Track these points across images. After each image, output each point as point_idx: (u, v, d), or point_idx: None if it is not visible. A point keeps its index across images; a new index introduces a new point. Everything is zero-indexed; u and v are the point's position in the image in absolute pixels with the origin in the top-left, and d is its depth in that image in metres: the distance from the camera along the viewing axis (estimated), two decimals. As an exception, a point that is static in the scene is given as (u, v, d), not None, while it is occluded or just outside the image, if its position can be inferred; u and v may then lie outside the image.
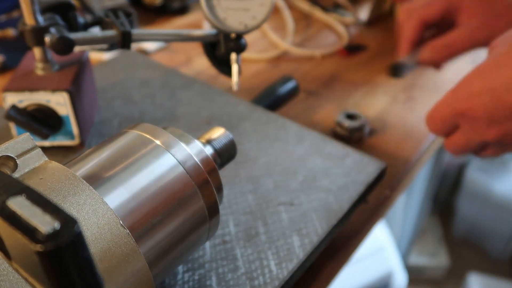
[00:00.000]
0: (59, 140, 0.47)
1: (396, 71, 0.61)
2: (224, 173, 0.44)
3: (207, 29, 0.80)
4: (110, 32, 0.46)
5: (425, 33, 0.62)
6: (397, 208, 1.44)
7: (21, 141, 0.29)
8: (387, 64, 0.64)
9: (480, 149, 0.47)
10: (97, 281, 0.18)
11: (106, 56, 0.70)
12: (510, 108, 0.40)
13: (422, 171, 1.35)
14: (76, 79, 0.46)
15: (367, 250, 1.17)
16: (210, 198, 0.32)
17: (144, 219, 0.28)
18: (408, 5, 0.62)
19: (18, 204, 0.18)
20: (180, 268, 0.36)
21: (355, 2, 0.92)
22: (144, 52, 0.75)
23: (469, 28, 0.56)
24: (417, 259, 1.75)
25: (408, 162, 0.55)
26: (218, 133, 0.37)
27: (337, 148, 0.48)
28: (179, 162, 0.31)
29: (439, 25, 0.61)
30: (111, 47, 0.48)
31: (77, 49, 0.45)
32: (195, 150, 0.33)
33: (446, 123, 0.46)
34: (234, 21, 0.47)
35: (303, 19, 0.88)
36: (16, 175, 0.27)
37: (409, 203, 1.45)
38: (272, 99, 0.59)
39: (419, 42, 0.62)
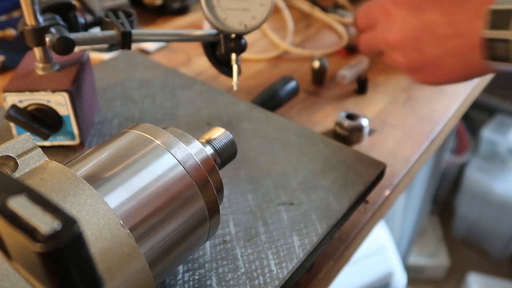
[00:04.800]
0: (59, 140, 0.47)
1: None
2: (224, 173, 0.44)
3: (207, 29, 0.80)
4: (110, 32, 0.46)
5: None
6: (397, 208, 1.44)
7: (22, 141, 0.29)
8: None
9: (386, 50, 0.53)
10: (97, 281, 0.18)
11: (106, 56, 0.70)
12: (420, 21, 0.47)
13: (422, 171, 1.35)
14: (76, 79, 0.46)
15: (367, 250, 1.17)
16: (210, 198, 0.32)
17: (145, 219, 0.28)
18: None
19: (19, 204, 0.18)
20: (180, 268, 0.36)
21: (355, 2, 0.92)
22: (144, 52, 0.75)
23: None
24: (417, 259, 1.75)
25: (407, 162, 0.55)
26: (218, 133, 0.37)
27: (337, 148, 0.48)
28: (179, 162, 0.31)
29: None
30: (111, 47, 0.48)
31: (77, 49, 0.45)
32: (195, 150, 0.33)
33: (369, 15, 0.54)
34: (234, 21, 0.47)
35: (303, 19, 0.88)
36: (16, 175, 0.27)
37: (408, 203, 1.45)
38: (272, 99, 0.60)
39: None
